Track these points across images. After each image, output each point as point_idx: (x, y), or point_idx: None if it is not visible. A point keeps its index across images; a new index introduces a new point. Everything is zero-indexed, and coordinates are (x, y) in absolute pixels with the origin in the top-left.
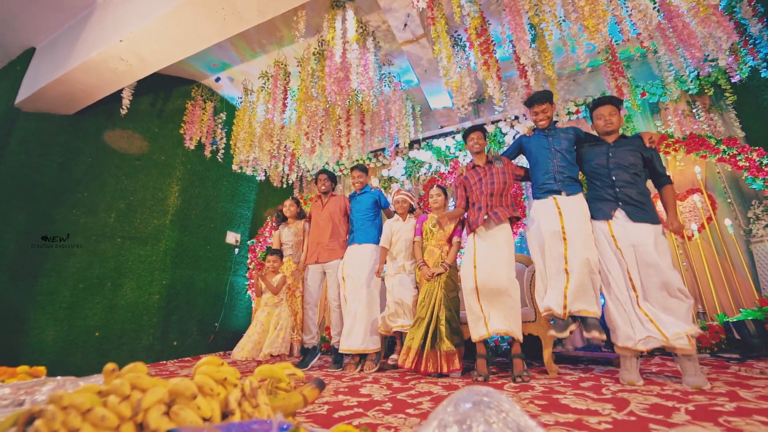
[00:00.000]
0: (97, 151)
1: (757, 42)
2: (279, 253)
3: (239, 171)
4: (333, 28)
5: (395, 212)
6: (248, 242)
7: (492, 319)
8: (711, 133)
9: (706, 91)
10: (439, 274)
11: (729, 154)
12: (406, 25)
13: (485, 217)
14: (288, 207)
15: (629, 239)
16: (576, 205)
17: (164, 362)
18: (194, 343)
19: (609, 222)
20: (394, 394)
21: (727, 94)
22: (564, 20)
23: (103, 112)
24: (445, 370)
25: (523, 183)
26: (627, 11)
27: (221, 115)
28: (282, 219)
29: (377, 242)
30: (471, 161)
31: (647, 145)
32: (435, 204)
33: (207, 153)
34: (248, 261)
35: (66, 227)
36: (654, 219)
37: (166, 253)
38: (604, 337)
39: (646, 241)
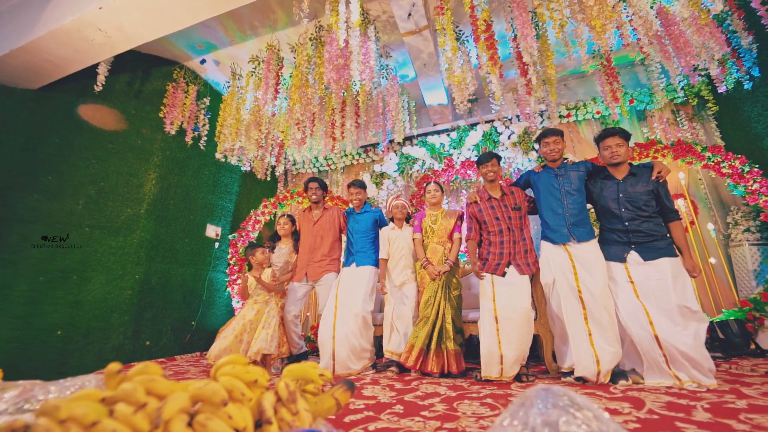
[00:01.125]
0: (66, 131)
1: (741, 55)
2: (263, 246)
3: (223, 160)
4: (336, 12)
5: (392, 218)
6: (229, 236)
7: (507, 360)
8: (696, 141)
9: (690, 101)
10: (444, 272)
11: (713, 161)
12: (410, 14)
13: (506, 270)
14: (282, 225)
15: (647, 278)
16: (590, 255)
17: (135, 363)
18: (169, 342)
19: (625, 265)
20: (400, 395)
21: (709, 105)
22: (569, 19)
23: (73, 89)
24: (454, 369)
25: None
26: (627, 17)
27: (205, 99)
28: (276, 238)
29: (377, 264)
30: (483, 188)
31: (653, 177)
32: (433, 199)
33: (188, 139)
34: (229, 256)
35: (26, 213)
36: (670, 252)
37: (140, 245)
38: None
39: (664, 277)
